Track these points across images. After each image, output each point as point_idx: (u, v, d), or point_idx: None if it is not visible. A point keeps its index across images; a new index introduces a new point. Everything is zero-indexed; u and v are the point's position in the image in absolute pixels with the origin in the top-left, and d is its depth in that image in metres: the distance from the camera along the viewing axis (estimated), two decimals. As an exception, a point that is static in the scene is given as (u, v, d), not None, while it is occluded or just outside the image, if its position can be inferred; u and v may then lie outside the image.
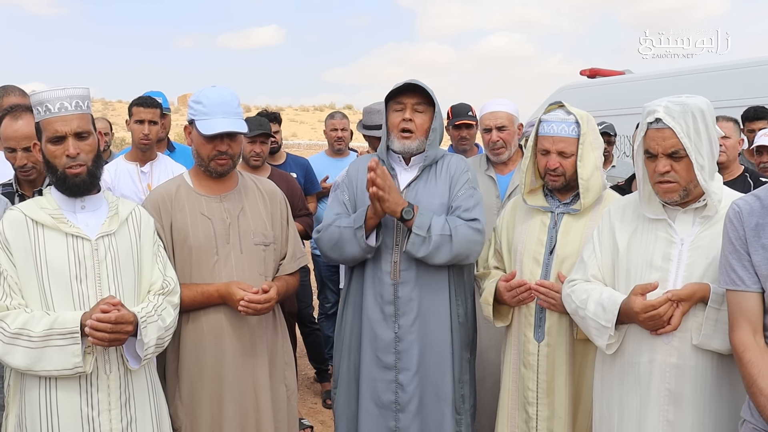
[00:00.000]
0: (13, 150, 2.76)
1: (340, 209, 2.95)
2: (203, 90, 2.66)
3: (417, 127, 2.88)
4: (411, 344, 2.85)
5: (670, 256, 2.23)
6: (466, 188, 2.93)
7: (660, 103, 2.17)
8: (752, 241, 1.94)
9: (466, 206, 2.87)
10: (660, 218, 2.28)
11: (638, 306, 2.14)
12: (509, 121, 3.67)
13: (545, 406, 2.66)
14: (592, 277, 2.42)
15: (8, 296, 2.14)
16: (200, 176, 2.73)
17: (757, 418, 1.91)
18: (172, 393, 2.64)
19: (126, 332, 2.14)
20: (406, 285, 2.86)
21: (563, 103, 2.71)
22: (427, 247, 2.75)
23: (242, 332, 2.65)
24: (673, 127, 2.13)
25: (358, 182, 2.99)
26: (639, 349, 2.25)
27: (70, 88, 2.22)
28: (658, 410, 2.20)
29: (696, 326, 2.14)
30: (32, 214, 2.21)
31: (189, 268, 2.62)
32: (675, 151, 2.15)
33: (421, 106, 2.89)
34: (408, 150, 2.90)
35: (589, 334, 2.37)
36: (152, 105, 4.09)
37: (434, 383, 2.89)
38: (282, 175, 4.39)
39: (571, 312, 2.45)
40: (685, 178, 2.17)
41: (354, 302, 2.98)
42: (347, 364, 2.99)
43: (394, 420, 2.87)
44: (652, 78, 6.79)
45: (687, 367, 2.16)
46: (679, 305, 2.13)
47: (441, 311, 2.89)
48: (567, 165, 2.65)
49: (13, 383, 2.24)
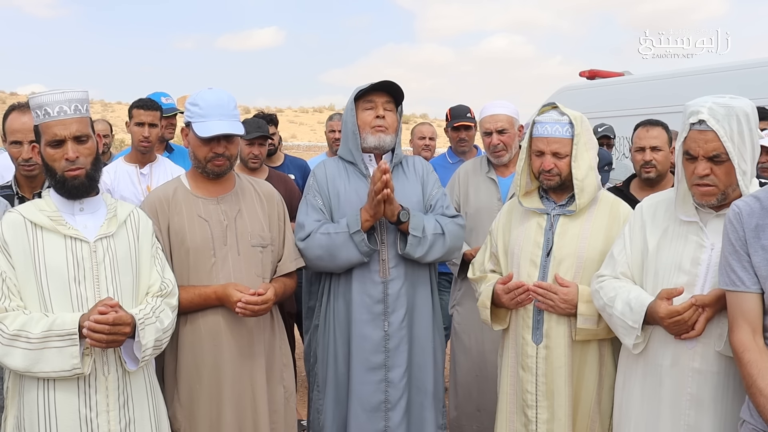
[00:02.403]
0: (20, 143, 2.79)
1: (318, 215, 2.94)
2: (200, 92, 2.68)
3: (389, 125, 2.95)
4: (401, 341, 2.89)
5: (699, 261, 2.21)
6: (438, 187, 3.07)
7: (704, 104, 2.11)
8: (752, 242, 1.94)
9: (445, 204, 3.01)
10: (692, 221, 2.25)
11: (663, 311, 2.14)
12: (509, 124, 3.68)
13: (544, 409, 2.65)
14: (620, 274, 2.42)
15: (7, 298, 2.14)
16: (197, 178, 2.74)
17: (757, 418, 1.92)
18: (170, 395, 2.65)
19: (124, 334, 2.14)
20: (396, 282, 2.90)
21: (557, 104, 2.71)
22: (423, 247, 2.83)
23: (240, 334, 2.65)
24: (717, 130, 2.08)
25: (329, 187, 2.99)
26: (663, 351, 2.25)
27: (69, 92, 2.23)
28: (679, 414, 2.20)
29: (719, 333, 2.13)
30: (31, 216, 2.22)
31: (186, 270, 2.63)
32: (717, 155, 2.10)
33: (390, 105, 2.97)
34: (383, 144, 2.95)
35: (617, 332, 2.38)
36: (152, 107, 4.09)
37: (418, 378, 2.95)
38: (280, 176, 4.40)
39: (599, 308, 2.46)
40: (725, 182, 2.13)
41: (335, 309, 2.97)
42: (334, 370, 2.98)
43: (383, 420, 2.89)
44: (651, 79, 6.81)
45: (709, 373, 2.16)
46: (704, 310, 2.12)
47: (425, 304, 2.98)
48: (562, 166, 2.65)
49: (12, 384, 2.24)
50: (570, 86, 7.73)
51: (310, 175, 3.09)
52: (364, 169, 2.98)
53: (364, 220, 2.79)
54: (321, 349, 3.04)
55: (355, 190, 2.95)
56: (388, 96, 2.97)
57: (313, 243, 2.85)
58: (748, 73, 5.68)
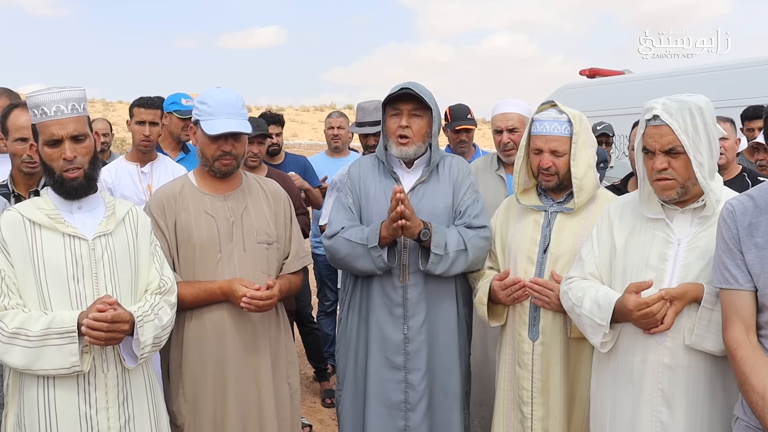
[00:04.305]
0: (26, 140, 2.78)
1: (346, 215, 2.93)
2: (208, 91, 2.71)
3: (414, 133, 2.87)
4: (420, 345, 2.87)
5: (667, 256, 2.23)
6: (471, 192, 2.95)
7: (658, 101, 2.18)
8: (745, 240, 1.95)
9: (474, 212, 2.89)
10: (658, 218, 2.28)
11: (632, 303, 2.15)
12: (520, 123, 3.66)
13: (540, 406, 2.67)
14: (589, 275, 2.43)
15: (6, 296, 2.15)
16: (205, 176, 2.77)
17: (750, 415, 1.93)
18: (175, 390, 2.67)
19: (122, 331, 2.16)
20: (415, 287, 2.87)
21: (555, 102, 2.72)
22: (444, 264, 2.77)
23: (244, 329, 2.67)
24: (671, 123, 2.13)
25: (361, 185, 2.98)
26: (632, 348, 2.26)
27: (66, 90, 2.23)
28: (651, 410, 2.21)
29: (689, 326, 2.14)
30: (29, 214, 2.23)
31: (193, 265, 2.66)
32: (672, 148, 2.15)
33: (419, 111, 2.89)
34: (405, 156, 2.92)
35: (585, 332, 2.38)
36: (153, 106, 4.09)
37: (442, 381, 2.92)
38: (279, 174, 4.41)
39: (568, 309, 2.46)
40: (683, 175, 2.17)
41: (359, 304, 2.98)
42: (353, 365, 2.99)
43: (403, 419, 2.88)
44: (652, 78, 6.79)
45: (679, 368, 2.17)
46: (672, 304, 2.14)
47: (449, 310, 2.92)
48: (560, 164, 2.66)
49: (12, 382, 2.25)
50: (570, 85, 7.72)
51: (346, 173, 3.09)
52: (392, 173, 2.96)
53: (383, 237, 2.76)
54: (342, 342, 3.05)
55: (383, 191, 2.93)
56: (416, 101, 2.87)
57: (336, 245, 2.86)
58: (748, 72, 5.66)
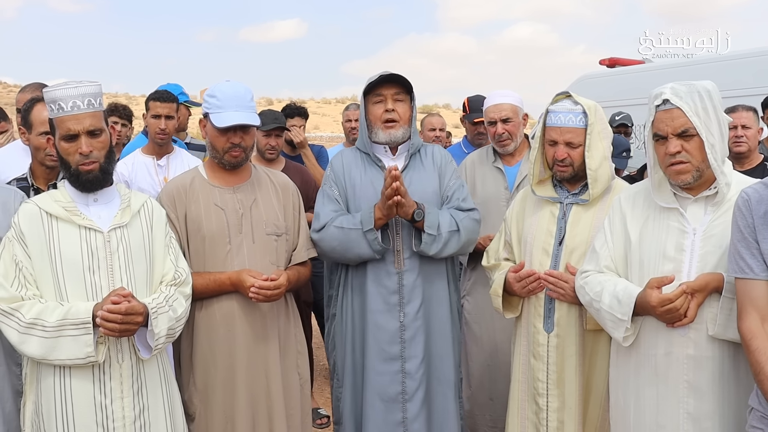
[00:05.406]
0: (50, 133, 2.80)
1: (334, 206, 2.95)
2: (217, 84, 2.75)
3: (400, 116, 2.93)
4: (417, 331, 2.89)
5: (683, 247, 2.21)
6: (455, 178, 3.03)
7: (666, 86, 2.17)
8: (761, 228, 1.92)
9: (462, 196, 2.97)
10: (671, 207, 2.25)
11: (655, 300, 2.12)
12: (513, 113, 3.68)
13: (555, 398, 2.66)
14: (605, 268, 2.40)
15: (23, 287, 2.20)
16: (214, 168, 2.79)
17: (765, 405, 1.91)
18: (186, 380, 2.71)
19: (136, 323, 2.19)
20: (411, 273, 2.90)
21: (570, 93, 2.70)
22: (438, 244, 2.82)
23: (254, 318, 2.70)
24: (681, 106, 2.12)
25: (345, 177, 3.00)
26: (655, 341, 2.24)
27: (83, 86, 2.26)
28: (677, 402, 2.19)
29: (711, 317, 2.12)
30: (46, 206, 2.27)
31: (202, 257, 2.68)
32: (685, 130, 2.13)
33: (401, 95, 2.94)
34: (394, 139, 2.95)
35: (605, 327, 2.36)
36: (168, 99, 4.13)
37: (438, 368, 2.95)
38: (296, 167, 4.43)
39: (586, 304, 2.44)
40: (697, 158, 2.14)
41: (351, 297, 2.99)
42: (351, 359, 3.01)
43: (401, 411, 2.89)
44: (671, 67, 6.71)
45: (704, 359, 2.15)
46: (694, 297, 2.12)
47: (442, 296, 2.97)
48: (575, 155, 2.64)
49: (30, 371, 2.30)
50: (589, 74, 7.64)
51: (329, 166, 3.11)
52: (378, 161, 2.99)
53: (377, 218, 2.80)
54: (338, 338, 3.06)
55: (370, 180, 2.96)
56: (398, 87, 2.95)
57: (327, 235, 2.87)
58: (768, 60, 5.58)
